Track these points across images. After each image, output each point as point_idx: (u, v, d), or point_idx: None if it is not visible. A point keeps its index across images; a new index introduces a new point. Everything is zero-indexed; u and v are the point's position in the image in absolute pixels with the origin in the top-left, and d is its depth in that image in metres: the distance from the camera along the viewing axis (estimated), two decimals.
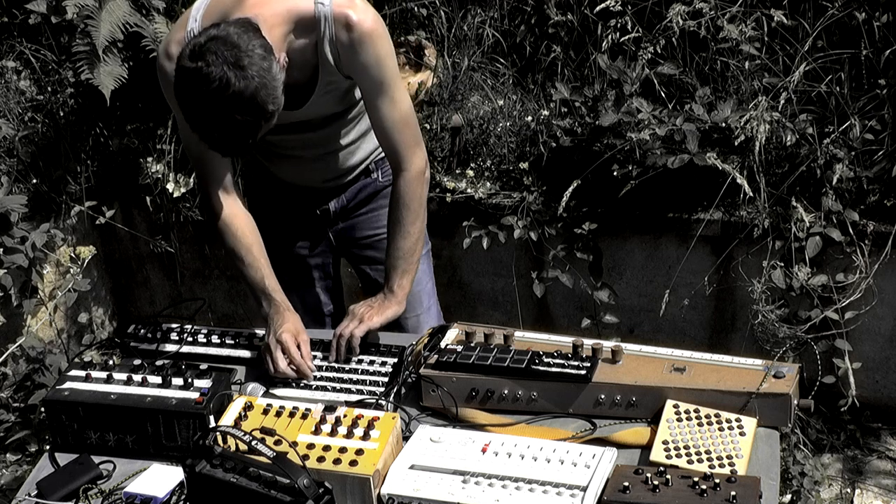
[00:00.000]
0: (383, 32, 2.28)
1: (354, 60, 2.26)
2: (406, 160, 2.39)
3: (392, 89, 2.32)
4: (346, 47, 2.24)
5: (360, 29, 2.22)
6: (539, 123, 3.57)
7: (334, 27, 2.22)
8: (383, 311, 2.39)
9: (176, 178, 3.77)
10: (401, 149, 2.38)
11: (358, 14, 2.22)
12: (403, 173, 2.40)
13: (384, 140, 2.40)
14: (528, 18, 3.82)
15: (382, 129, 2.37)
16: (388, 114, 2.34)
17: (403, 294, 2.43)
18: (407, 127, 2.37)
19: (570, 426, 2.08)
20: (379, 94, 2.32)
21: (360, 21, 2.22)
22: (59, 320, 3.82)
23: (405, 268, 2.43)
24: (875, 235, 3.20)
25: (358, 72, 2.29)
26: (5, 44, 3.84)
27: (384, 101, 2.33)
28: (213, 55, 2.00)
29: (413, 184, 2.40)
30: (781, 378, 2.03)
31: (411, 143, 2.39)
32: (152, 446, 2.10)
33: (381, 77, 2.30)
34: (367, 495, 1.88)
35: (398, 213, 2.42)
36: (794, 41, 3.33)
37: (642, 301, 3.58)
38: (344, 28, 2.22)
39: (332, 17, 2.21)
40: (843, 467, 3.33)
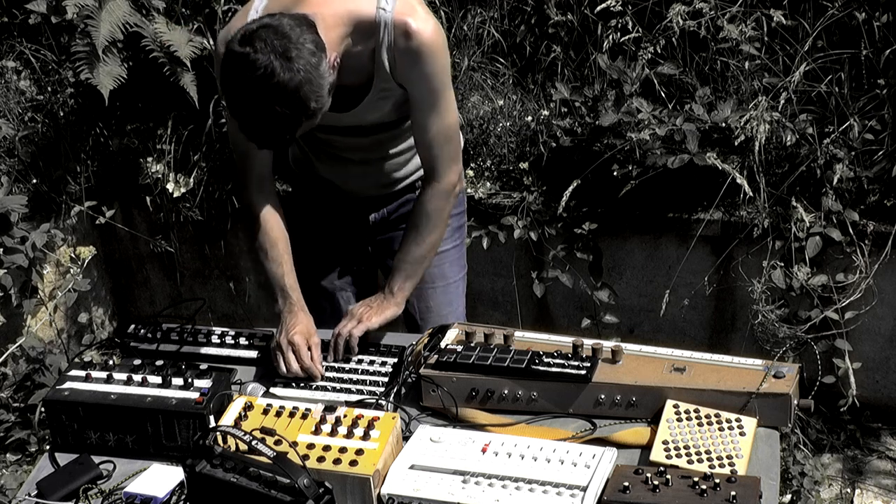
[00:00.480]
0: (442, 45, 2.26)
1: (409, 69, 2.24)
2: (440, 174, 2.39)
3: (441, 103, 2.31)
4: (402, 55, 2.22)
5: (418, 39, 2.20)
6: (539, 123, 3.57)
7: (393, 34, 2.20)
8: (382, 311, 2.39)
9: (176, 178, 3.77)
10: (437, 163, 2.38)
11: (418, 23, 2.19)
12: (434, 184, 2.40)
13: (422, 150, 2.39)
14: (528, 18, 3.82)
15: (423, 139, 2.36)
16: (432, 126, 2.33)
17: (403, 297, 2.43)
18: (448, 142, 2.37)
19: (570, 426, 2.08)
20: (427, 105, 2.30)
21: (419, 30, 2.19)
22: (59, 320, 3.82)
23: (410, 273, 2.43)
24: (875, 235, 3.20)
25: (410, 81, 2.27)
26: (5, 44, 3.84)
27: (431, 113, 2.31)
28: (262, 42, 1.98)
29: (440, 196, 2.40)
30: (781, 378, 2.03)
31: (449, 158, 2.38)
32: (152, 446, 2.10)
33: (432, 89, 2.28)
34: (367, 495, 1.88)
35: (418, 220, 2.42)
36: (794, 41, 3.33)
37: (642, 301, 3.58)
38: (403, 35, 2.19)
39: (393, 23, 2.19)
40: (843, 467, 3.33)
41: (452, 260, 2.67)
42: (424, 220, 2.41)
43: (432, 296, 2.66)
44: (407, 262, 2.42)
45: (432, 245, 2.45)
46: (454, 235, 2.65)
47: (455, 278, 2.70)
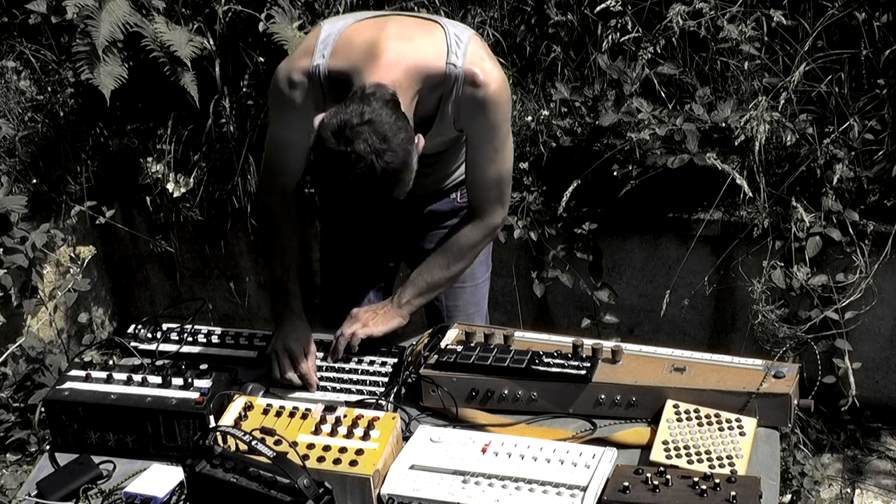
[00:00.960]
0: (506, 96, 2.26)
1: (472, 119, 2.25)
2: (486, 214, 2.40)
3: (499, 151, 2.32)
4: (467, 104, 2.22)
5: (485, 90, 2.20)
6: (539, 123, 3.57)
7: (462, 86, 2.20)
8: (388, 321, 2.39)
9: (176, 178, 3.77)
10: (485, 204, 2.39)
11: (486, 75, 2.19)
12: (477, 221, 2.40)
13: (473, 190, 2.39)
14: (528, 18, 3.82)
15: (475, 182, 2.37)
16: (486, 170, 2.33)
17: (409, 311, 2.42)
18: (498, 186, 2.37)
19: (570, 426, 2.08)
20: (485, 152, 2.31)
21: (487, 82, 2.19)
22: (59, 320, 3.82)
23: (424, 292, 2.43)
24: (875, 235, 3.20)
25: (472, 128, 2.28)
26: (5, 44, 3.84)
27: (488, 160, 2.32)
28: (364, 143, 1.96)
29: (480, 232, 2.41)
30: (781, 378, 2.03)
31: (497, 201, 2.39)
32: (152, 446, 2.10)
33: (493, 138, 2.29)
34: (367, 495, 1.88)
35: (451, 248, 2.41)
36: (794, 41, 3.33)
37: (642, 301, 3.58)
38: (470, 86, 2.19)
39: (463, 76, 2.19)
40: (843, 467, 3.33)
41: (482, 260, 2.66)
42: (458, 250, 2.41)
43: (461, 295, 2.67)
44: (426, 282, 2.42)
45: (456, 275, 2.46)
46: None
47: (483, 278, 2.71)
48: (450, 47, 2.19)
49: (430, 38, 2.20)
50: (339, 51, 2.20)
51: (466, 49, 2.20)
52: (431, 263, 2.43)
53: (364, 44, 2.17)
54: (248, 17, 3.63)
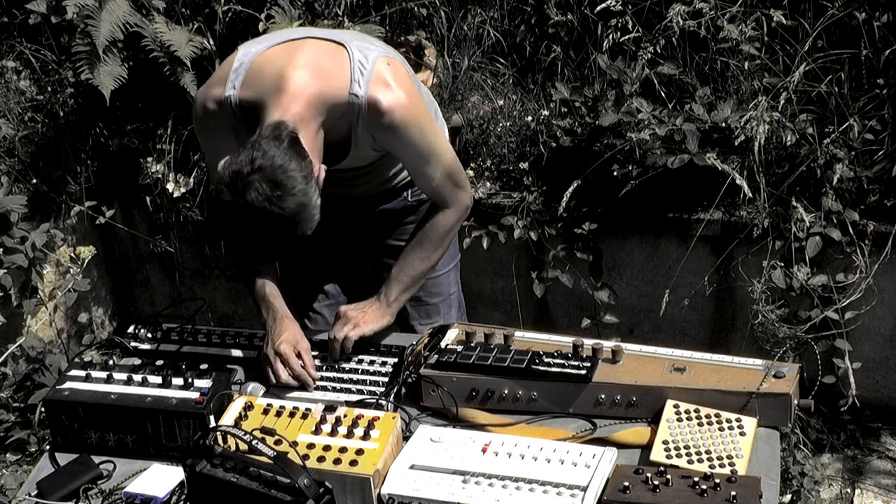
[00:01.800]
0: (416, 113, 2.27)
1: (388, 142, 2.28)
2: (449, 202, 2.41)
3: (432, 157, 2.33)
4: (380, 132, 2.25)
5: (391, 117, 2.21)
6: (539, 123, 3.57)
7: (367, 114, 2.21)
8: (377, 319, 2.39)
9: (176, 178, 3.77)
10: (446, 198, 2.40)
11: (389, 101, 2.20)
12: (445, 210, 2.42)
13: (429, 193, 2.42)
14: (528, 18, 3.82)
15: (427, 188, 2.40)
16: (430, 175, 2.36)
17: (397, 307, 2.44)
18: (449, 179, 2.39)
19: (570, 426, 2.08)
20: (420, 164, 2.34)
21: (390, 110, 2.21)
22: (59, 320, 3.82)
23: (409, 286, 2.44)
24: (875, 235, 3.20)
25: (395, 150, 2.31)
26: (5, 44, 3.84)
27: (424, 168, 2.34)
28: (255, 192, 1.99)
29: (451, 217, 2.42)
30: (781, 378, 2.03)
31: (455, 189, 2.41)
32: (152, 446, 2.10)
33: (418, 153, 2.31)
34: (367, 495, 1.88)
35: (424, 237, 2.42)
36: (794, 41, 3.33)
37: (642, 301, 3.58)
38: (376, 115, 2.21)
39: (366, 104, 2.20)
40: (843, 467, 3.33)
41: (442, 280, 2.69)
42: (434, 238, 2.42)
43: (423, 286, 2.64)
44: (408, 275, 2.43)
45: (435, 262, 2.47)
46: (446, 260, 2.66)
47: (444, 270, 2.69)
48: (353, 76, 2.20)
49: (337, 66, 2.22)
50: (249, 81, 2.23)
51: (370, 76, 2.20)
52: (410, 257, 2.43)
53: (272, 74, 2.19)
54: (248, 17, 3.63)
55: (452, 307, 2.75)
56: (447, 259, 2.68)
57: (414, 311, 2.68)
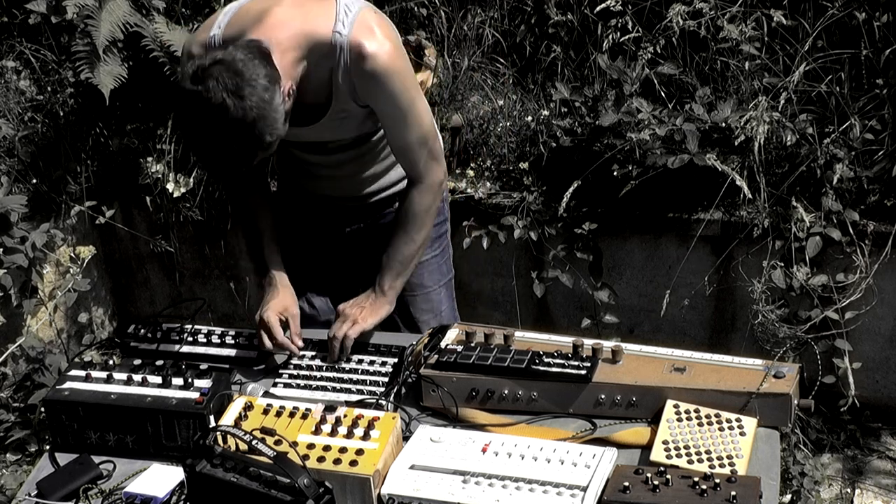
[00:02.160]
0: (399, 64, 2.25)
1: (369, 92, 2.25)
2: (423, 176, 2.40)
3: (410, 116, 2.31)
4: (361, 79, 2.22)
5: (374, 62, 2.19)
6: (539, 123, 3.57)
7: (349, 57, 2.19)
8: (376, 311, 2.40)
9: (176, 177, 3.77)
10: (418, 167, 2.38)
11: (373, 46, 2.18)
12: (418, 185, 2.40)
13: (402, 159, 2.40)
14: (528, 18, 3.82)
15: (400, 150, 2.38)
16: (406, 138, 2.34)
17: (394, 295, 2.44)
18: (424, 146, 2.37)
19: (570, 426, 2.08)
20: (397, 121, 2.31)
21: (375, 54, 2.19)
22: (59, 320, 3.82)
23: (400, 271, 2.43)
24: (875, 235, 3.21)
25: (373, 102, 2.28)
26: (5, 44, 3.84)
27: (402, 127, 2.32)
28: (214, 80, 1.99)
29: (425, 193, 2.41)
30: (781, 378, 2.03)
31: (429, 160, 2.39)
32: (152, 446, 2.10)
33: (399, 107, 2.28)
34: (367, 495, 1.88)
35: (406, 220, 2.42)
36: (794, 41, 3.33)
37: (642, 301, 3.58)
38: (358, 59, 2.19)
39: (349, 46, 2.18)
40: (843, 467, 3.33)
41: (432, 269, 2.67)
42: (412, 219, 2.41)
43: (412, 302, 2.66)
44: (397, 260, 2.42)
45: (422, 242, 2.45)
46: (433, 245, 2.65)
47: (434, 286, 2.69)
48: (338, 16, 2.19)
49: (322, 8, 2.22)
50: (234, 21, 2.24)
51: (355, 19, 2.19)
52: (395, 243, 2.43)
53: (256, 11, 2.21)
54: None
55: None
56: (438, 276, 2.68)
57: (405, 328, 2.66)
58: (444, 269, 2.72)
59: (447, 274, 2.74)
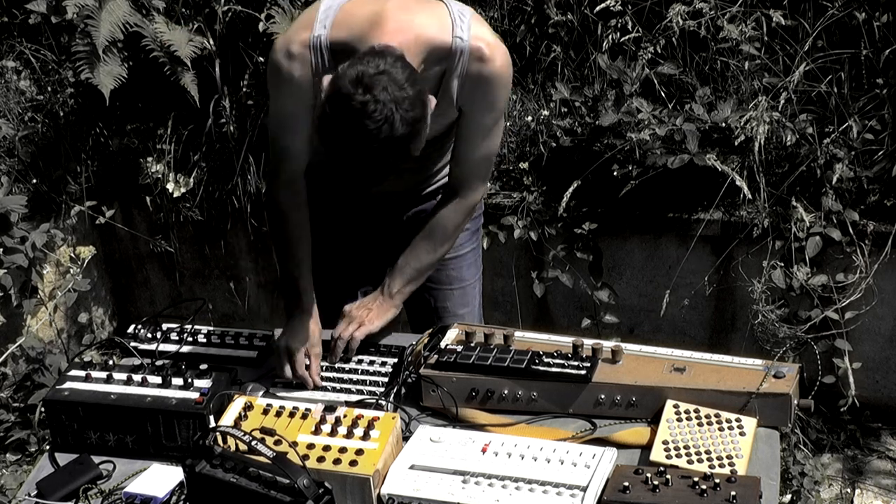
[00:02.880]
0: (508, 75, 2.25)
1: (473, 94, 2.23)
2: (466, 192, 2.39)
3: (493, 129, 2.31)
4: (472, 80, 2.20)
5: (491, 66, 2.19)
6: (539, 123, 3.57)
7: (468, 61, 2.18)
8: (382, 314, 2.39)
9: (176, 178, 3.77)
10: (469, 181, 2.38)
11: (492, 51, 2.18)
12: (459, 200, 2.39)
13: (458, 166, 2.38)
14: (528, 18, 3.82)
15: (464, 156, 2.35)
16: (476, 148, 2.33)
17: (401, 299, 2.43)
18: (485, 163, 2.37)
19: (570, 426, 2.08)
20: (479, 131, 2.30)
21: (493, 57, 2.18)
22: (59, 320, 3.82)
23: (414, 278, 2.42)
24: (875, 235, 3.20)
25: (473, 104, 2.25)
26: (5, 44, 3.84)
27: (482, 137, 2.31)
28: (383, 91, 1.92)
29: (462, 211, 2.40)
30: (781, 378, 2.02)
31: (480, 179, 2.39)
32: (152, 446, 2.10)
33: (490, 115, 2.28)
34: (367, 495, 1.88)
35: (435, 230, 2.40)
36: (794, 41, 3.33)
37: (642, 301, 3.58)
38: (477, 61, 2.18)
39: (469, 50, 2.17)
40: (843, 467, 3.33)
41: (469, 263, 2.67)
42: (441, 231, 2.40)
43: (449, 297, 2.65)
44: (414, 268, 2.41)
45: (442, 255, 2.45)
46: (471, 239, 2.65)
47: (471, 280, 2.69)
48: (454, 21, 2.17)
49: (434, 12, 2.19)
50: (341, 22, 2.17)
51: (470, 24, 2.18)
52: (417, 249, 2.41)
53: (367, 14, 2.14)
54: (248, 17, 3.63)
55: (475, 320, 2.73)
56: (474, 269, 2.69)
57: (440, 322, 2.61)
58: (479, 263, 2.73)
59: (480, 268, 2.75)
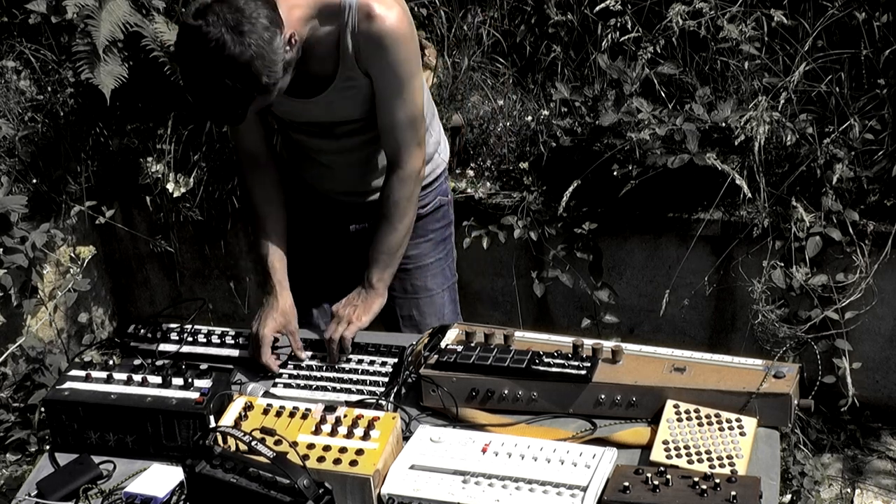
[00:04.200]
0: (407, 32, 2.24)
1: (372, 56, 2.23)
2: (404, 160, 2.38)
3: (406, 91, 2.30)
4: (365, 40, 2.21)
5: (381, 24, 2.19)
6: (539, 123, 3.57)
7: (357, 17, 2.19)
8: (369, 307, 2.40)
9: (176, 178, 3.77)
10: (402, 149, 2.37)
11: (381, 8, 2.19)
12: (398, 171, 2.39)
13: (386, 136, 2.37)
14: (528, 18, 3.82)
15: (386, 125, 2.35)
16: (397, 113, 2.32)
17: (384, 287, 2.43)
18: (412, 127, 2.36)
19: (570, 426, 2.08)
20: (391, 92, 2.29)
21: (382, 16, 2.19)
22: (59, 320, 3.82)
23: (388, 262, 2.43)
24: (875, 235, 3.20)
25: (374, 67, 2.26)
26: (5, 44, 3.84)
27: (395, 99, 2.30)
28: (215, 16, 2.00)
29: (406, 182, 2.39)
30: (781, 378, 2.03)
31: (413, 143, 2.37)
32: (152, 446, 2.10)
33: (397, 76, 2.27)
34: (367, 495, 1.88)
35: (387, 210, 2.41)
36: (794, 41, 3.33)
37: (642, 301, 3.58)
38: (366, 19, 2.19)
39: (357, 7, 2.18)
40: (843, 467, 3.33)
41: (435, 273, 2.67)
42: (393, 209, 2.40)
43: (416, 305, 2.66)
44: (383, 252, 2.42)
45: (406, 230, 2.44)
46: (437, 249, 2.65)
47: (437, 290, 2.69)
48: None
49: None
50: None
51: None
52: (379, 234, 2.42)
53: None
54: None
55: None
56: (441, 279, 2.68)
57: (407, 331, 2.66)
58: (448, 273, 2.72)
59: (451, 278, 2.74)
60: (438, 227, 2.63)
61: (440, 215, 2.63)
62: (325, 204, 2.60)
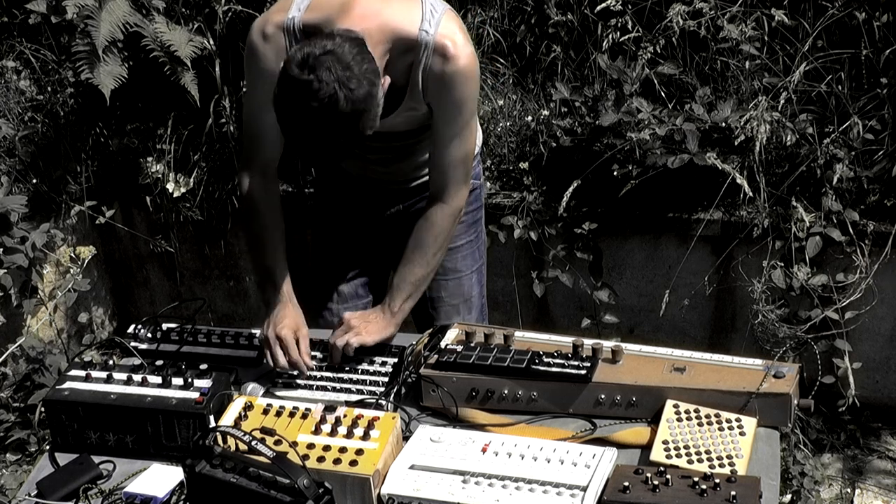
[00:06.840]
0: (475, 73, 2.28)
1: (439, 92, 2.26)
2: (450, 196, 2.39)
3: (464, 130, 2.33)
4: (436, 78, 2.23)
5: (454, 64, 2.21)
6: (539, 123, 3.57)
7: (432, 56, 2.21)
8: (380, 330, 2.37)
9: (176, 178, 3.77)
10: (449, 184, 2.38)
11: (456, 49, 2.21)
12: (442, 205, 2.40)
13: (436, 171, 2.39)
14: (528, 18, 3.82)
15: (440, 161, 2.37)
16: (451, 151, 2.34)
17: (401, 318, 2.43)
18: (463, 165, 2.38)
19: (570, 426, 2.08)
20: (450, 130, 2.32)
21: (456, 56, 2.21)
22: (59, 320, 3.82)
23: (412, 294, 2.43)
24: (875, 235, 3.20)
25: (439, 104, 2.28)
26: (5, 44, 3.84)
27: (453, 138, 2.32)
28: (326, 71, 1.99)
29: (448, 218, 2.41)
30: (781, 378, 2.03)
31: (462, 181, 2.40)
32: (152, 446, 2.10)
33: (459, 116, 2.30)
34: (367, 495, 1.88)
35: (424, 240, 2.41)
36: (794, 41, 3.33)
37: (642, 301, 3.58)
38: (440, 58, 2.21)
39: (433, 45, 2.20)
40: (843, 467, 3.33)
41: (465, 254, 2.68)
42: (431, 240, 2.40)
43: (444, 287, 2.66)
44: (410, 283, 2.41)
45: (436, 265, 2.45)
46: (469, 231, 2.66)
47: (467, 271, 2.70)
48: (424, 15, 2.21)
49: (407, 4, 2.23)
50: (316, 5, 2.23)
51: (440, 20, 2.22)
52: (409, 262, 2.42)
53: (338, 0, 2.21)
54: (248, 17, 3.62)
55: (474, 310, 2.74)
56: (471, 261, 2.69)
57: (434, 311, 2.67)
58: (477, 255, 2.73)
59: (479, 260, 2.74)
60: (471, 209, 2.63)
61: (472, 198, 2.62)
62: (363, 189, 2.61)
